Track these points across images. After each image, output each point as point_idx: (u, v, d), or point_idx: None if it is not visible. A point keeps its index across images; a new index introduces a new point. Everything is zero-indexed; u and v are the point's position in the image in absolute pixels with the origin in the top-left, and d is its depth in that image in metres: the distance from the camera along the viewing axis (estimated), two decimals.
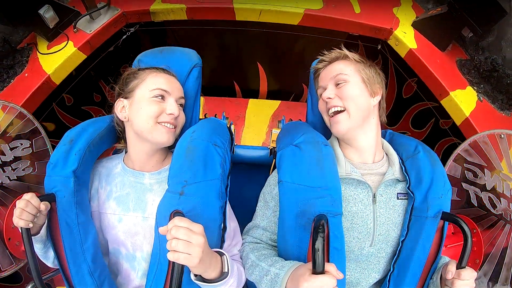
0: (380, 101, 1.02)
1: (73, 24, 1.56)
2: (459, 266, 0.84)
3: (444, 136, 1.69)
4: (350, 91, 0.96)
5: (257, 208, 1.04)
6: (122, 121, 1.02)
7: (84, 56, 1.56)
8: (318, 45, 1.37)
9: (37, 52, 1.52)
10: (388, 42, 1.62)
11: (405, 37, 1.54)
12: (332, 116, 0.99)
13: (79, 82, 1.78)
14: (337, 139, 1.05)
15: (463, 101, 1.43)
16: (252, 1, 1.62)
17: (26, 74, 1.47)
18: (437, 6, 1.59)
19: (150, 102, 0.96)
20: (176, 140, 1.08)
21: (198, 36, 2.09)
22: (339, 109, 0.97)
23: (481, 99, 1.48)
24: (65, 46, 1.51)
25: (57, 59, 1.49)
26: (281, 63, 2.24)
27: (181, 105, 1.04)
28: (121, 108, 1.00)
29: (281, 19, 1.66)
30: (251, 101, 2.34)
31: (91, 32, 1.55)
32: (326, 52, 1.06)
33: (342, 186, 0.92)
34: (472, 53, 1.57)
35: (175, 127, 1.00)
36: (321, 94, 1.03)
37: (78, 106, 1.86)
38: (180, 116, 1.01)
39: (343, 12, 1.59)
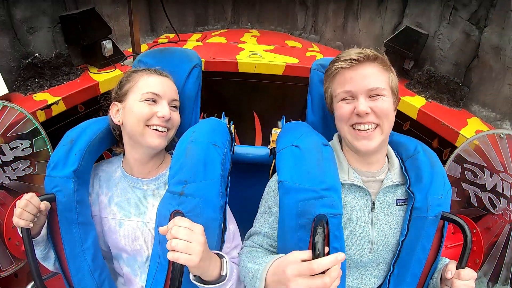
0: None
1: (121, 61, 2.14)
2: (459, 266, 0.84)
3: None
4: (387, 107, 0.86)
5: (258, 213, 1.03)
6: (118, 126, 1.01)
7: None
8: (298, 93, 1.86)
9: (89, 72, 1.99)
10: None
11: None
12: (360, 130, 0.88)
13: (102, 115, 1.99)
14: (339, 143, 1.01)
15: (413, 101, 1.83)
16: (250, 59, 2.30)
17: (78, 80, 1.89)
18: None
19: (141, 105, 0.94)
20: (174, 142, 1.09)
21: (207, 87, 2.35)
22: (372, 126, 0.86)
23: (430, 100, 1.87)
24: (112, 71, 2.03)
25: (105, 76, 1.96)
26: (273, 113, 2.44)
27: (175, 107, 1.02)
28: (115, 112, 1.00)
29: (270, 70, 2.29)
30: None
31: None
32: (357, 50, 0.89)
33: (342, 192, 0.91)
34: (412, 74, 2.09)
35: (167, 130, 0.99)
36: (343, 99, 0.90)
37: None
38: (173, 118, 0.99)
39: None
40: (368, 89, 0.86)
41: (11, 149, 1.29)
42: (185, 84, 1.12)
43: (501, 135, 1.19)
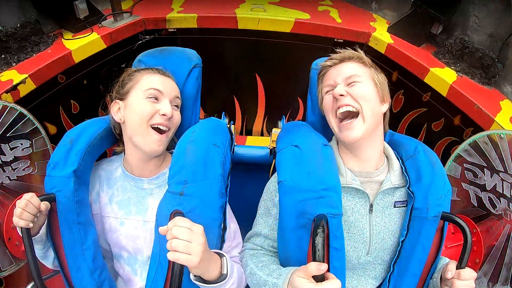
0: (386, 110, 0.99)
1: (99, 22, 1.76)
2: (459, 266, 0.84)
3: (439, 138, 1.74)
4: (364, 90, 0.90)
5: (258, 214, 1.04)
6: (119, 124, 1.01)
7: (104, 46, 1.69)
8: (309, 54, 1.58)
9: (62, 38, 1.68)
10: (369, 44, 1.81)
11: (383, 36, 1.77)
12: (342, 120, 0.91)
13: (88, 92, 1.85)
14: (337, 145, 1.02)
15: (443, 75, 1.56)
16: (252, 13, 1.92)
17: (49, 50, 1.60)
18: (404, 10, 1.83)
19: (144, 102, 0.94)
20: (174, 142, 1.08)
21: (204, 46, 2.19)
22: (351, 109, 0.89)
23: (461, 75, 1.59)
24: (89, 34, 1.68)
25: (80, 42, 1.64)
26: (277, 74, 2.30)
27: (176, 106, 1.02)
28: (117, 110, 0.99)
29: (276, 27, 1.92)
30: (249, 138, 2.52)
31: (113, 28, 1.73)
32: (338, 51, 1.00)
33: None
34: (442, 42, 1.75)
35: (168, 130, 0.97)
36: (327, 92, 0.96)
37: (82, 117, 1.86)
38: (174, 117, 0.99)
39: (327, 21, 1.88)
40: (345, 78, 0.93)
41: (11, 149, 1.28)
42: (185, 84, 1.12)
43: (501, 135, 1.19)
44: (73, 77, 1.71)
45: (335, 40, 1.89)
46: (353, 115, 0.90)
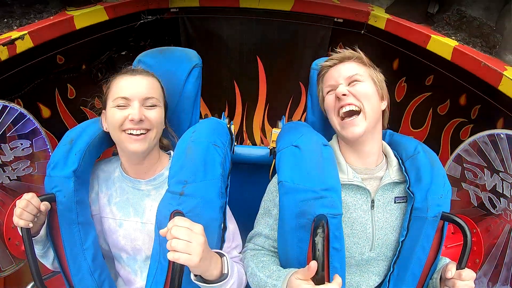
0: (385, 108, 1.01)
1: None
2: (459, 267, 0.84)
3: (447, 122, 1.71)
4: (365, 89, 0.93)
5: (258, 215, 1.04)
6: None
7: (106, 17, 1.66)
8: (310, 36, 1.84)
9: (66, 10, 1.65)
10: (368, 22, 1.83)
11: (382, 13, 1.79)
12: (344, 118, 0.93)
13: (86, 77, 1.81)
14: (338, 143, 1.03)
15: (446, 40, 1.54)
16: None
17: (51, 17, 1.56)
18: None
19: (114, 111, 0.93)
20: (166, 141, 1.08)
21: (205, 27, 2.17)
22: (353, 108, 0.92)
23: (462, 44, 1.57)
24: (92, 5, 1.66)
25: (83, 11, 1.62)
26: (278, 57, 2.27)
27: (153, 105, 0.95)
28: (104, 120, 1.00)
29: (277, 5, 1.95)
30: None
31: (117, 1, 1.72)
32: (338, 51, 1.01)
33: (342, 192, 0.91)
34: (438, 19, 1.76)
35: (147, 131, 0.93)
36: (329, 92, 0.98)
37: (77, 103, 1.83)
38: (149, 117, 0.93)
39: (326, 2, 1.92)
40: (346, 78, 0.95)
41: (11, 149, 1.29)
42: (185, 84, 1.12)
43: (501, 135, 1.19)
44: (72, 59, 1.68)
45: (335, 19, 1.93)
46: (355, 113, 0.93)
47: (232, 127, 1.49)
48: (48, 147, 1.40)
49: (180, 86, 1.09)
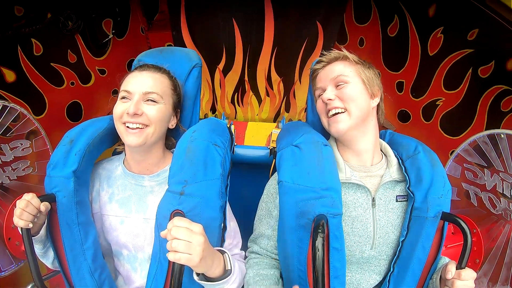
0: (379, 103, 1.02)
1: None
2: (459, 267, 0.84)
3: (487, 87, 1.45)
4: (350, 92, 0.95)
5: (259, 215, 1.04)
6: None
7: None
8: None
9: None
10: None
11: None
12: (331, 117, 0.97)
13: (53, 28, 1.56)
14: (336, 142, 1.04)
15: None
16: None
17: None
18: None
19: (117, 104, 0.97)
20: (173, 140, 1.08)
21: None
22: (339, 110, 0.95)
23: None
24: None
25: None
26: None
27: (153, 100, 0.96)
28: None
29: None
30: (250, 123, 2.29)
31: None
32: (325, 53, 1.04)
33: (342, 191, 0.92)
34: None
35: (145, 126, 0.94)
36: (319, 95, 1.01)
37: (47, 60, 1.59)
38: (147, 113, 0.94)
39: None
40: (331, 79, 0.98)
41: (11, 149, 1.29)
42: (185, 84, 1.12)
43: (501, 135, 1.19)
44: (33, 8, 1.43)
45: None
46: (341, 113, 0.96)
47: (232, 127, 1.48)
48: (48, 147, 1.40)
49: (180, 86, 1.09)
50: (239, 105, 2.25)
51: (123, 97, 0.96)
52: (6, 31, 1.35)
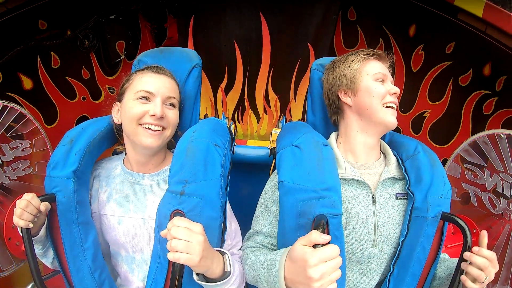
0: None
1: None
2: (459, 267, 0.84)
3: (468, 94, 1.58)
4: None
5: (257, 213, 1.04)
6: (121, 124, 1.01)
7: None
8: None
9: None
10: None
11: None
12: (388, 108, 0.99)
13: (71, 44, 1.68)
14: (336, 140, 1.04)
15: None
16: None
17: None
18: None
19: (134, 104, 0.94)
20: (173, 140, 1.08)
21: None
22: (396, 106, 0.99)
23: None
24: None
25: None
26: (283, 14, 2.01)
27: (172, 104, 0.99)
28: (116, 111, 1.01)
29: None
30: (249, 141, 2.32)
31: None
32: (379, 51, 1.07)
33: (342, 187, 0.92)
34: None
35: (163, 129, 0.96)
36: (378, 79, 1.00)
37: (63, 73, 1.70)
38: (168, 117, 0.96)
39: None
40: (389, 74, 1.03)
41: (11, 149, 1.29)
42: (185, 84, 1.12)
43: (501, 135, 1.19)
44: (55, 24, 1.52)
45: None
46: (395, 108, 1.00)
47: (232, 127, 1.48)
48: (48, 147, 1.40)
49: (180, 86, 1.09)
50: (239, 122, 2.35)
51: (142, 97, 0.95)
52: (29, 42, 1.45)
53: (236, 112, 2.30)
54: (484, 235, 0.85)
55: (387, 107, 0.98)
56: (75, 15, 1.62)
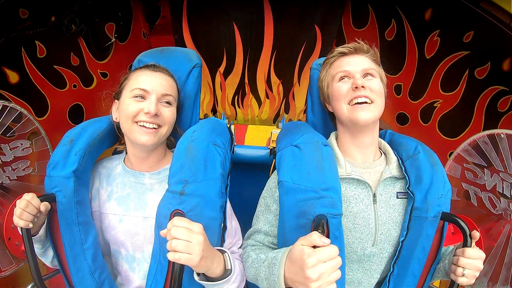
0: None
1: None
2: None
3: (484, 88, 1.48)
4: (379, 87, 0.97)
5: (257, 212, 1.04)
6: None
7: None
8: None
9: None
10: None
11: None
12: (356, 104, 0.95)
13: (57, 31, 1.58)
14: (336, 139, 1.04)
15: None
16: None
17: None
18: None
19: (129, 102, 0.95)
20: (173, 139, 1.08)
21: None
22: (368, 101, 0.94)
23: None
24: None
25: None
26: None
27: (168, 102, 0.99)
28: (115, 110, 1.02)
29: None
30: (250, 126, 2.32)
31: None
32: (357, 42, 1.01)
33: (342, 186, 0.92)
34: None
35: (159, 127, 0.96)
36: (341, 78, 0.98)
37: (50, 62, 1.61)
38: (164, 114, 0.96)
39: None
40: (363, 69, 0.97)
41: (11, 149, 1.29)
42: (185, 84, 1.12)
43: (501, 135, 1.19)
44: (37, 11, 1.43)
45: None
46: (369, 103, 0.95)
47: (232, 127, 1.48)
48: (48, 147, 1.40)
49: (180, 86, 1.09)
50: (239, 107, 2.29)
51: (138, 96, 0.95)
52: (11, 33, 1.36)
53: (236, 97, 2.25)
54: (475, 237, 0.86)
55: (355, 103, 0.95)
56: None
